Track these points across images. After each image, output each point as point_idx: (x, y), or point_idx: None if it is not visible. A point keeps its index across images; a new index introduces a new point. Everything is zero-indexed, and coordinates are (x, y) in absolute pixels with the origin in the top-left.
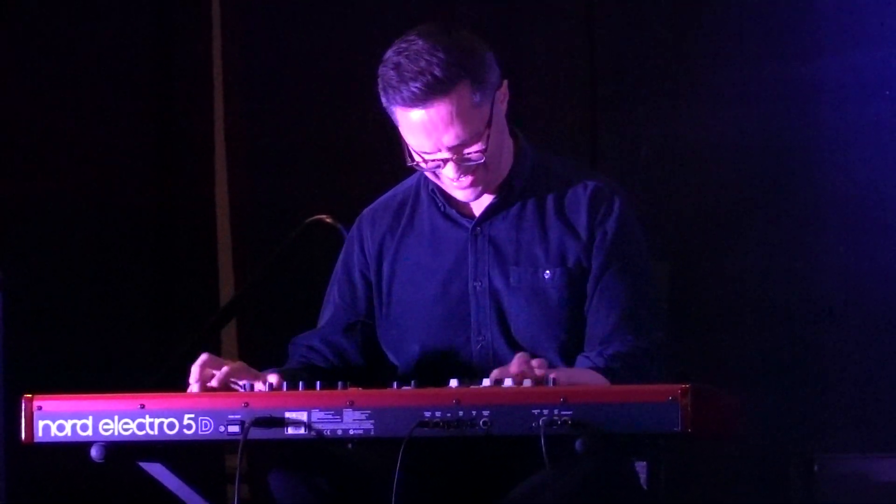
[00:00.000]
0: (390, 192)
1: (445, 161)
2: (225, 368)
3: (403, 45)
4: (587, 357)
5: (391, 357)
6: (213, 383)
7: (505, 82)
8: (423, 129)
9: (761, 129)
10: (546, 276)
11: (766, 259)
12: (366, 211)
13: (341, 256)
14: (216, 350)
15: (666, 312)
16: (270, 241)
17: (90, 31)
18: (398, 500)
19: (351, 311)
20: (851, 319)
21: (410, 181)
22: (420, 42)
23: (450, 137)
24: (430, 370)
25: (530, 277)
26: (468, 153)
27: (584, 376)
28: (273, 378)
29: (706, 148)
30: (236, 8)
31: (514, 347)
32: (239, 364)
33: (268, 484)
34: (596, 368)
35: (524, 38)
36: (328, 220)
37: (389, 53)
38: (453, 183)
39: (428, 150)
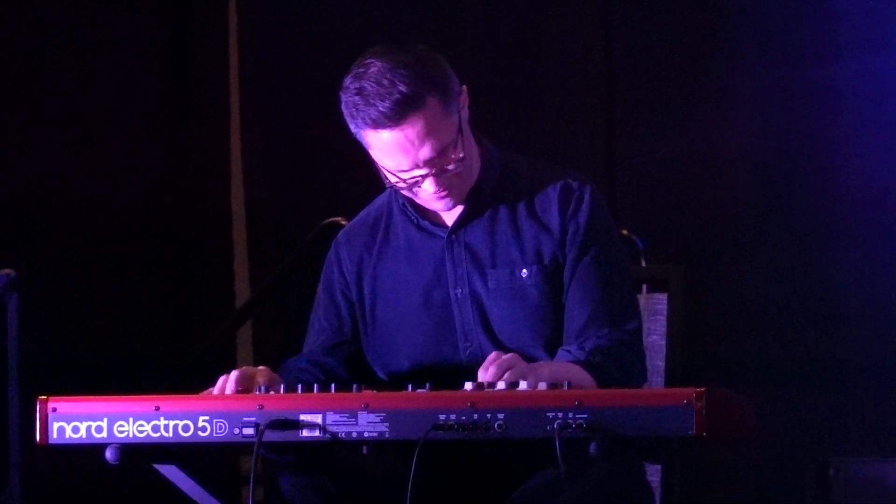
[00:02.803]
0: (363, 212)
1: (424, 177)
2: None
3: (361, 70)
4: (568, 351)
5: (379, 373)
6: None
7: (464, 88)
8: (399, 148)
9: (778, 133)
10: (523, 275)
11: (783, 263)
12: (340, 233)
13: (322, 281)
14: (231, 352)
15: (637, 301)
16: (286, 243)
17: (107, 33)
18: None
19: (337, 334)
20: (868, 323)
21: (381, 199)
22: (378, 63)
23: (426, 152)
24: (422, 381)
25: (508, 278)
26: (446, 165)
27: (565, 370)
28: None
29: (723, 152)
30: (252, 9)
31: (502, 349)
32: (264, 372)
33: (278, 486)
34: (577, 362)
35: (540, 44)
36: (343, 223)
37: (348, 80)
38: (432, 196)
39: (405, 169)
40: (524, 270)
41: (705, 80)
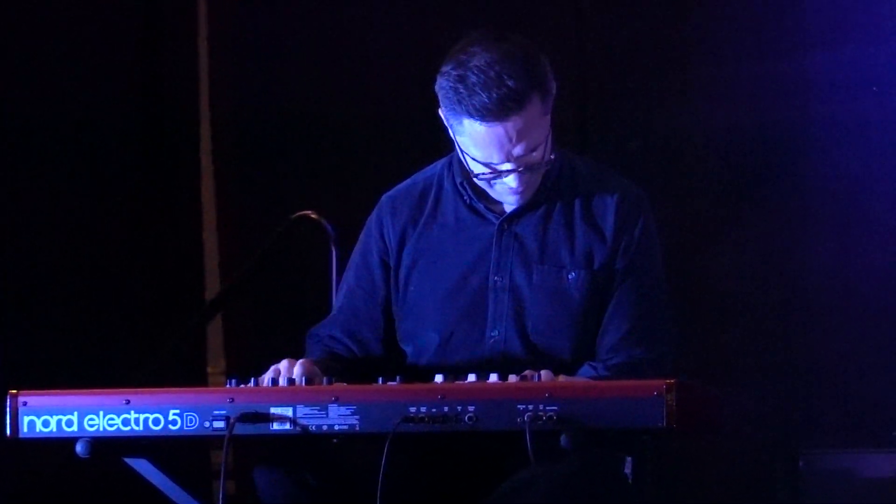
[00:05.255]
0: (409, 181)
1: (510, 172)
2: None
3: (463, 57)
4: (593, 367)
5: (403, 343)
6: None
7: (555, 85)
8: (496, 141)
9: (750, 124)
10: (570, 278)
11: (753, 254)
12: (385, 198)
13: (360, 243)
14: (202, 345)
15: (676, 327)
16: (256, 236)
17: (78, 29)
18: (384, 495)
19: (369, 299)
20: (838, 315)
21: (431, 170)
22: (483, 53)
23: (519, 149)
24: (444, 362)
25: (554, 277)
26: (534, 163)
27: None
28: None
29: (694, 143)
30: (223, 4)
31: (528, 345)
32: (308, 366)
33: (252, 480)
34: (600, 378)
35: (512, 31)
36: (313, 216)
37: (450, 67)
38: (510, 190)
39: (495, 162)
40: (572, 273)
41: (677, 72)
